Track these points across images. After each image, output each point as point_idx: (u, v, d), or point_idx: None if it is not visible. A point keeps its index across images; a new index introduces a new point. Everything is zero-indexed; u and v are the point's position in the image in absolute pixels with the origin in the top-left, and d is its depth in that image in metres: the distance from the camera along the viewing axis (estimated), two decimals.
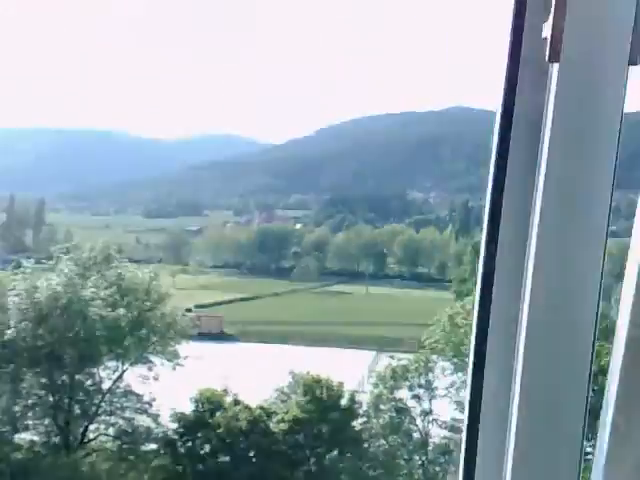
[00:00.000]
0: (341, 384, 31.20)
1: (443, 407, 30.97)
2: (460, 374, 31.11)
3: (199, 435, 29.70)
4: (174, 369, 34.78)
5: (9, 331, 28.81)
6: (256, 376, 63.53)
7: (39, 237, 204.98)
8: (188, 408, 30.84)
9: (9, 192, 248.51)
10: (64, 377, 30.78)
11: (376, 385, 31.27)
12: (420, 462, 29.70)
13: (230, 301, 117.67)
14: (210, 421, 29.70)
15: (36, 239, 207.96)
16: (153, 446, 30.45)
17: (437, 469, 29.63)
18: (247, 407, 30.53)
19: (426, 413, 30.17)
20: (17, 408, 29.90)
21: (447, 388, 30.91)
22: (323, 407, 29.87)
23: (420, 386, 30.58)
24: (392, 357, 32.75)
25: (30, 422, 30.14)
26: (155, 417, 30.95)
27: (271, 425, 29.92)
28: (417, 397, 30.44)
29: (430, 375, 30.83)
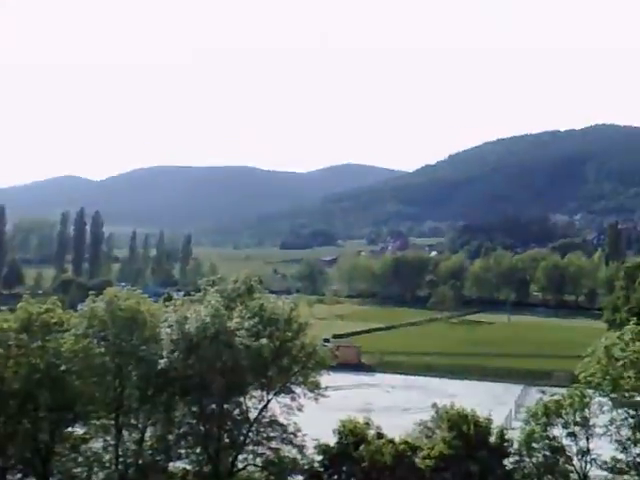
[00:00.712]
0: (489, 420, 29.91)
1: (602, 446, 28.75)
2: (620, 411, 28.82)
3: (344, 468, 29.47)
4: (316, 400, 35.02)
5: (162, 361, 30.17)
6: (396, 408, 62.94)
7: (186, 270, 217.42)
8: (331, 440, 30.75)
9: (158, 229, 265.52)
10: (213, 406, 31.76)
11: (527, 422, 29.63)
12: None
13: (366, 331, 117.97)
14: (354, 454, 29.38)
15: (183, 272, 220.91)
16: (299, 478, 30.57)
17: None
18: (391, 441, 29.96)
19: (583, 452, 28.10)
20: (171, 437, 31.11)
21: (606, 426, 28.69)
22: (471, 444, 28.69)
23: (576, 423, 28.58)
24: (543, 392, 31.02)
25: (183, 451, 31.25)
26: (301, 448, 31.12)
27: (417, 461, 29.11)
28: (573, 435, 28.44)
29: (586, 411, 28.81)
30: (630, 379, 28.36)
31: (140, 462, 30.55)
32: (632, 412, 28.54)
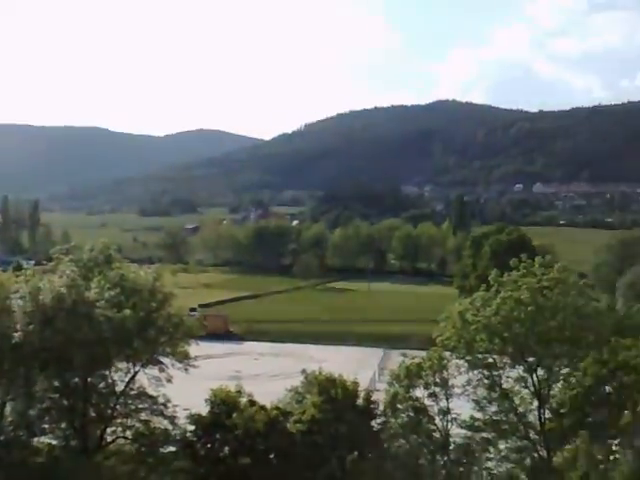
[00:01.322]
0: (356, 383, 30.93)
1: (461, 406, 30.80)
2: (476, 372, 30.93)
3: (217, 437, 29.46)
4: (186, 370, 34.66)
5: (16, 334, 28.42)
6: (265, 375, 63.79)
7: (35, 238, 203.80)
8: (203, 409, 30.60)
9: (1, 194, 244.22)
10: (76, 380, 30.48)
11: (391, 384, 31.01)
12: (442, 462, 29.52)
13: (234, 299, 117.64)
14: (227, 422, 29.42)
15: (32, 240, 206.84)
16: (172, 448, 30.20)
17: (460, 469, 29.44)
18: (263, 408, 30.27)
19: (444, 412, 29.92)
20: (32, 412, 29.53)
21: (463, 386, 30.72)
22: (339, 407, 29.61)
23: (436, 384, 30.30)
24: (405, 355, 32.49)
25: (47, 426, 29.80)
26: (172, 419, 30.69)
27: (288, 426, 29.68)
28: (434, 395, 30.18)
29: (445, 373, 30.60)
30: (482, 342, 30.50)
31: (1, 438, 28.76)
32: (486, 373, 30.75)
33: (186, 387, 36.06)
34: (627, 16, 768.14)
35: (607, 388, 27.75)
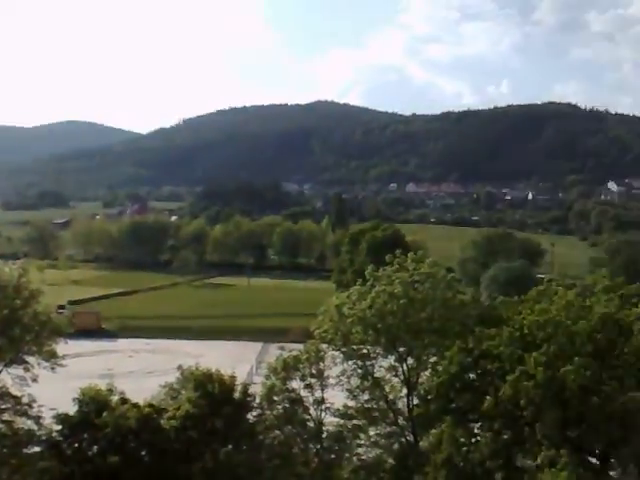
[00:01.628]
0: (233, 377, 30.85)
1: (335, 395, 31.58)
2: (350, 362, 31.84)
3: (85, 436, 28.33)
4: (53, 369, 33.16)
5: None
6: (140, 372, 62.05)
7: None
8: (72, 409, 29.36)
9: None
10: None
11: (268, 377, 31.24)
12: (315, 450, 30.12)
13: (106, 296, 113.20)
14: (96, 421, 28.38)
15: None
16: (37, 449, 28.76)
17: (332, 456, 30.18)
18: (135, 405, 29.47)
19: (319, 402, 30.58)
20: None
21: (338, 376, 31.52)
22: (216, 402, 29.41)
23: (312, 376, 30.90)
24: (282, 348, 32.82)
25: None
26: (37, 419, 29.25)
27: (162, 422, 29.10)
28: (309, 387, 30.75)
29: (321, 364, 31.26)
30: (358, 334, 31.48)
31: None
32: (360, 363, 31.80)
33: (54, 386, 34.45)
34: (494, 26, 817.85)
35: (471, 375, 29.34)
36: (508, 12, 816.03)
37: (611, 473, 25.39)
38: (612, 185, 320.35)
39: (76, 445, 28.27)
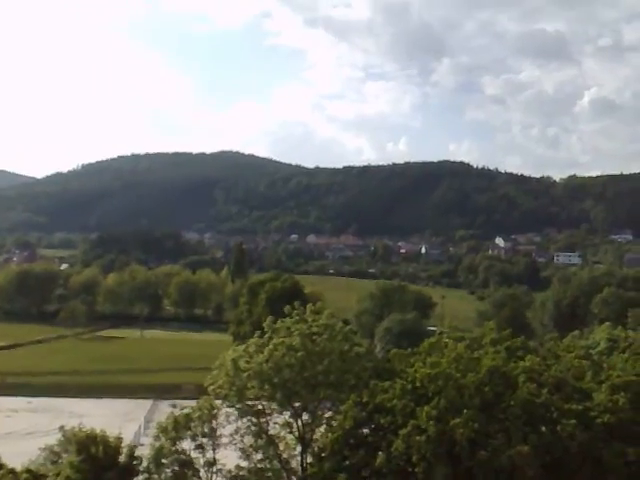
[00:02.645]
0: (119, 439, 29.38)
1: (227, 455, 30.60)
2: (245, 419, 31.06)
3: None
4: None
5: None
6: (18, 434, 57.67)
7: None
8: None
9: None
10: None
11: (157, 437, 29.94)
12: None
13: None
14: None
15: None
16: None
17: None
18: (11, 471, 27.37)
19: (210, 463, 29.55)
20: None
21: (232, 435, 30.63)
22: (99, 466, 27.79)
23: (204, 435, 29.91)
24: (174, 405, 31.68)
25: None
26: None
27: None
28: (201, 447, 29.71)
29: (214, 422, 30.32)
30: (254, 388, 30.86)
31: None
32: (255, 420, 31.09)
33: None
34: (396, 85, 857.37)
35: (365, 430, 29.30)
36: (409, 73, 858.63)
37: None
38: (499, 240, 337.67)
39: None
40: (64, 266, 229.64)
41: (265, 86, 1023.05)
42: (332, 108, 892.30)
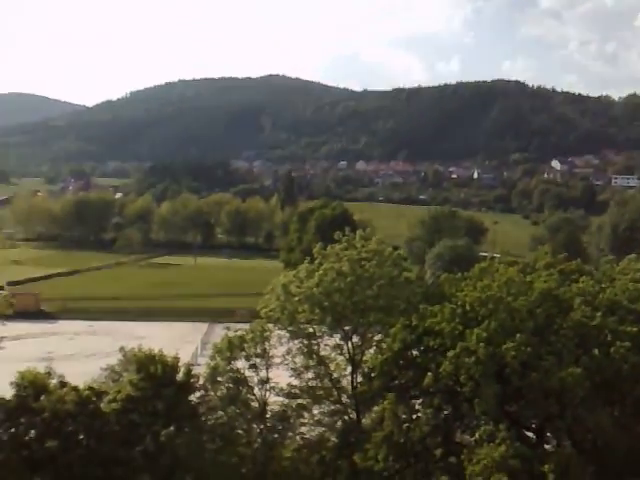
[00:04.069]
0: (176, 359, 30.39)
1: (280, 375, 31.47)
2: (296, 341, 31.75)
3: (22, 421, 27.53)
4: None
5: None
6: (80, 355, 60.66)
7: None
8: (9, 393, 28.46)
9: None
10: None
11: (213, 357, 30.91)
12: (259, 430, 30.00)
13: (47, 277, 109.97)
14: (34, 405, 27.61)
15: None
16: None
17: (275, 436, 30.13)
18: (74, 388, 28.76)
19: (263, 382, 30.42)
20: None
21: (283, 355, 31.40)
22: (158, 384, 28.94)
23: (257, 355, 30.66)
24: (228, 328, 32.49)
25: None
26: None
27: (102, 405, 28.50)
28: (254, 366, 30.53)
29: (266, 344, 31.05)
30: (304, 312, 31.36)
31: None
32: (306, 342, 31.74)
33: None
34: (448, 2, 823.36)
35: (414, 352, 29.60)
36: None
37: (546, 446, 26.05)
38: (556, 164, 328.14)
39: (12, 430, 27.48)
40: (118, 195, 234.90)
41: (313, 6, 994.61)
42: (382, 26, 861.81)
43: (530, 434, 26.92)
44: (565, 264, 32.81)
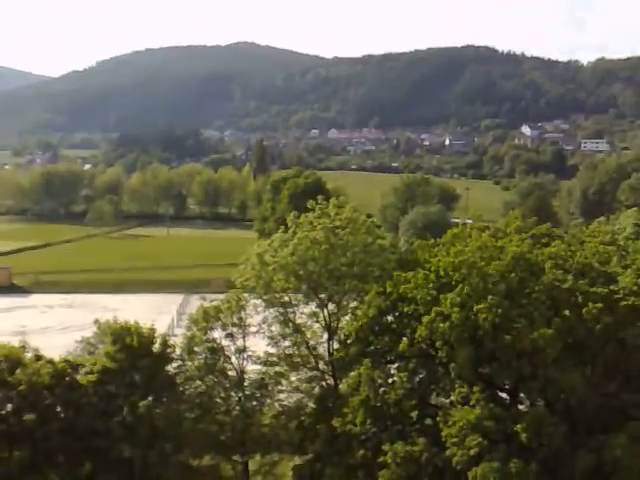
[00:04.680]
0: (152, 330, 30.33)
1: (257, 343, 31.62)
2: (272, 310, 31.85)
3: None
4: None
5: None
6: (54, 328, 60.22)
7: None
8: None
9: None
10: None
11: (189, 328, 30.92)
12: (237, 398, 30.22)
13: (17, 250, 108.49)
14: (10, 379, 27.43)
15: None
16: None
17: (254, 403, 30.39)
18: (50, 361, 28.63)
19: (240, 351, 30.57)
20: None
21: (259, 324, 31.51)
22: (134, 355, 28.90)
23: (233, 325, 30.75)
24: (204, 298, 32.47)
25: None
26: None
27: (78, 378, 28.43)
28: (231, 336, 30.63)
29: (242, 313, 31.11)
30: (280, 281, 31.41)
31: None
32: (282, 310, 31.87)
33: None
34: None
35: (389, 318, 29.89)
36: None
37: (520, 407, 26.65)
38: (526, 129, 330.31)
39: None
40: (87, 166, 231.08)
41: None
42: None
43: (504, 395, 27.49)
44: (536, 228, 33.20)
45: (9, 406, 27.35)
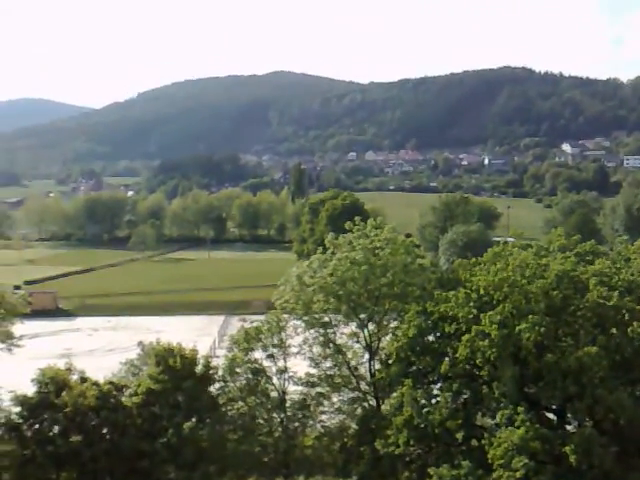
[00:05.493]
0: (194, 351, 30.67)
1: (298, 364, 31.63)
2: (312, 331, 31.86)
3: (45, 417, 27.91)
4: (10, 350, 32.45)
5: None
6: (100, 351, 61.23)
7: None
8: (30, 390, 28.83)
9: None
10: None
11: (230, 349, 31.13)
12: (279, 419, 30.21)
13: (63, 275, 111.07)
14: (56, 401, 27.97)
15: None
16: None
17: (296, 424, 30.33)
18: (95, 383, 29.12)
19: (282, 371, 30.62)
20: None
21: (300, 345, 31.54)
22: (177, 376, 29.21)
23: (274, 346, 30.87)
24: (244, 320, 32.72)
25: None
26: None
27: (123, 399, 28.83)
28: (272, 357, 30.74)
29: (282, 334, 31.21)
30: (319, 302, 31.44)
31: None
32: (322, 331, 31.84)
33: (12, 368, 33.64)
34: None
35: (430, 338, 29.60)
36: None
37: (567, 427, 26.03)
38: (566, 147, 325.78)
39: (36, 426, 27.90)
40: (130, 193, 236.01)
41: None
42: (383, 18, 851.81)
43: (551, 415, 26.89)
44: (580, 245, 32.63)
45: (56, 428, 27.86)
